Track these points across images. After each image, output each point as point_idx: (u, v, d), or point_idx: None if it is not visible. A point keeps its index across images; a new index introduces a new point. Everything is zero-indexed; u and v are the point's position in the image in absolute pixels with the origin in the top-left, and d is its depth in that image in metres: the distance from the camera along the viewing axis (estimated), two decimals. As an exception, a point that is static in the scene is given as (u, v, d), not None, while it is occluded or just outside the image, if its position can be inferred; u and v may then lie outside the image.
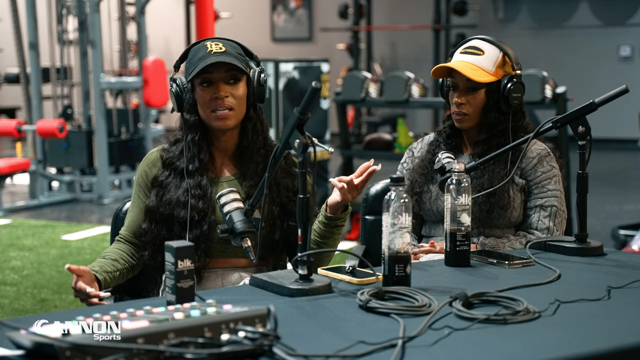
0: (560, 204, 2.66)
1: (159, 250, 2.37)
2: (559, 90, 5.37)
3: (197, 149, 2.43)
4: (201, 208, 2.38)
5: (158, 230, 2.39)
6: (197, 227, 2.37)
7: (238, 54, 2.42)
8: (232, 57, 2.38)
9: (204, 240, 2.37)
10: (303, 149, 1.96)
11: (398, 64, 13.97)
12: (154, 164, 2.49)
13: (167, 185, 2.43)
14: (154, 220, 2.41)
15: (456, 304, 1.79)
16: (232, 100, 2.39)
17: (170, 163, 2.45)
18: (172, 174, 2.44)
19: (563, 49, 12.95)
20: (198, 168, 2.42)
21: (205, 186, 2.40)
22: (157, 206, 2.41)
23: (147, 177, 2.48)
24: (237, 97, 2.40)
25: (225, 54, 2.38)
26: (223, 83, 2.39)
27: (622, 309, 1.87)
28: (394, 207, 1.93)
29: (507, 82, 2.64)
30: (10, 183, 9.17)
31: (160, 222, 2.40)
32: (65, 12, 9.25)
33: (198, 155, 2.43)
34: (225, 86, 2.38)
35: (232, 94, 2.39)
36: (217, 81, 2.39)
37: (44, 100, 8.84)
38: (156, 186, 2.44)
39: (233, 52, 2.40)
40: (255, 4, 15.21)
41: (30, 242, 6.47)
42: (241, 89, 2.41)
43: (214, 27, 7.21)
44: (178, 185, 2.41)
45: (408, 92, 6.03)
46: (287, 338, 1.56)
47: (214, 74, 2.38)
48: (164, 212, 2.39)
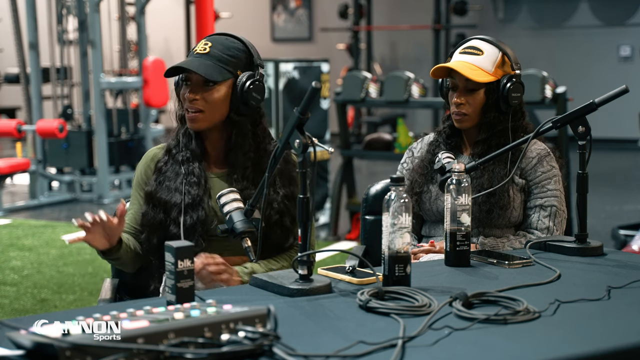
0: (560, 204, 2.66)
1: (154, 233, 2.41)
2: (559, 90, 5.37)
3: (186, 140, 2.47)
4: (195, 193, 2.40)
5: (155, 214, 2.43)
6: (193, 211, 2.39)
7: (226, 56, 2.38)
8: (212, 60, 2.36)
9: (200, 225, 2.38)
10: (303, 149, 1.96)
11: (398, 64, 13.97)
12: (152, 160, 2.53)
13: (165, 171, 2.47)
14: (152, 203, 2.45)
15: (456, 304, 1.79)
16: (203, 104, 2.37)
17: (169, 150, 2.50)
18: (170, 161, 2.48)
19: (563, 49, 12.95)
20: (189, 157, 2.45)
21: (198, 173, 2.43)
22: (156, 190, 2.45)
23: (145, 175, 2.51)
24: (210, 101, 2.37)
25: (206, 56, 2.37)
26: (197, 85, 2.38)
27: (622, 309, 1.87)
28: (394, 207, 1.93)
29: (507, 82, 2.64)
30: (10, 183, 9.16)
31: (157, 206, 2.44)
32: (65, 12, 9.25)
33: (189, 145, 2.47)
34: (198, 89, 2.37)
35: (205, 98, 2.37)
36: (192, 82, 2.39)
37: (44, 100, 8.84)
38: (156, 172, 2.49)
39: (218, 54, 2.38)
40: (255, 4, 15.21)
41: (30, 242, 6.47)
42: (218, 92, 2.38)
43: (214, 27, 7.21)
44: (177, 171, 2.45)
45: (408, 92, 6.03)
46: (287, 338, 1.56)
47: (190, 74, 2.39)
48: (161, 197, 2.42)
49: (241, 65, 2.41)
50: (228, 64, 2.39)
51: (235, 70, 2.40)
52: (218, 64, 2.37)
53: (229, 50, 2.40)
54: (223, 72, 2.37)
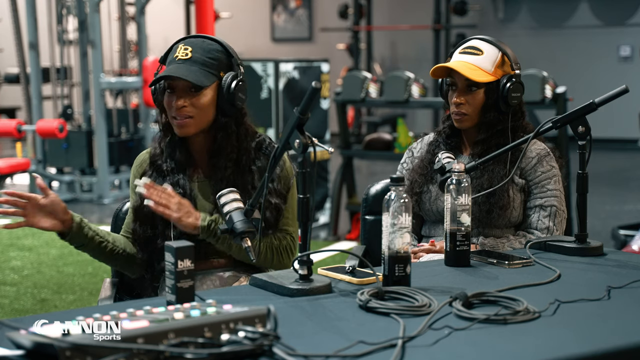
0: (560, 204, 2.66)
1: (145, 249, 2.41)
2: (559, 90, 5.37)
3: (170, 150, 2.45)
4: None
5: (143, 230, 2.42)
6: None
7: (208, 59, 2.36)
8: (196, 66, 2.34)
9: (187, 238, 2.36)
10: (303, 149, 1.96)
11: (398, 64, 13.97)
12: (141, 165, 2.52)
13: None
14: (139, 219, 2.43)
15: (456, 304, 1.79)
16: (192, 109, 2.36)
17: (153, 162, 2.48)
18: (154, 173, 2.46)
19: (563, 49, 12.95)
20: (174, 168, 2.44)
21: (183, 184, 2.42)
22: (141, 206, 2.41)
23: (135, 179, 2.50)
24: (198, 106, 2.36)
25: (189, 61, 2.35)
26: (183, 92, 2.36)
27: (622, 309, 1.87)
28: (394, 207, 1.93)
29: (506, 81, 2.64)
30: (10, 183, 9.16)
31: (144, 222, 2.42)
32: (65, 12, 9.25)
33: (173, 155, 2.45)
34: (184, 95, 2.35)
35: (193, 103, 2.36)
36: (177, 89, 2.36)
37: (44, 100, 8.84)
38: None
39: (200, 58, 2.36)
40: (255, 4, 15.21)
41: (30, 242, 6.47)
42: (205, 97, 2.36)
43: (214, 27, 7.20)
44: (160, 184, 2.40)
45: (408, 92, 6.03)
46: (287, 338, 1.55)
47: (175, 82, 2.36)
48: (147, 212, 2.38)
49: (223, 67, 2.39)
50: (211, 67, 2.37)
51: (218, 72, 2.38)
52: (203, 69, 2.36)
53: (210, 53, 2.38)
54: (209, 76, 2.36)
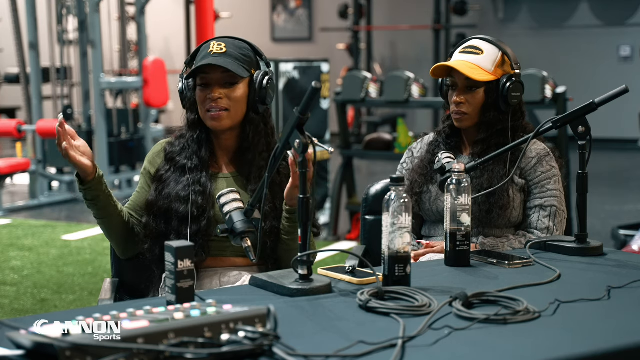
0: (560, 204, 2.66)
1: (157, 244, 2.40)
2: (559, 90, 5.37)
3: (196, 147, 2.46)
4: (200, 204, 2.40)
5: (157, 224, 2.42)
6: (196, 223, 2.38)
7: (241, 55, 2.41)
8: (231, 59, 2.38)
9: (202, 237, 2.38)
10: (303, 149, 1.96)
11: (398, 64, 13.97)
12: (159, 155, 2.53)
13: (166, 179, 2.46)
14: (153, 213, 2.44)
15: (456, 304, 1.79)
16: (227, 102, 2.40)
17: (171, 158, 2.49)
18: (172, 169, 2.47)
19: (563, 49, 12.95)
20: (197, 165, 2.44)
21: (204, 183, 2.43)
22: (156, 200, 2.43)
23: (150, 166, 2.52)
24: (233, 99, 2.40)
25: (225, 55, 2.38)
26: (218, 85, 2.40)
27: (622, 309, 1.87)
28: (394, 207, 1.93)
29: (506, 81, 2.64)
30: (10, 183, 9.16)
31: (159, 216, 2.43)
32: (65, 12, 9.25)
33: (198, 152, 2.46)
34: (220, 88, 2.39)
35: (228, 96, 2.40)
36: (213, 82, 2.40)
37: (44, 100, 8.83)
38: (156, 180, 2.48)
39: (235, 53, 2.40)
40: (255, 4, 15.21)
41: (30, 242, 6.47)
42: (239, 90, 2.41)
43: (214, 27, 7.20)
44: (178, 180, 2.44)
45: (408, 92, 6.03)
46: (287, 338, 1.55)
47: (210, 75, 2.40)
48: (162, 206, 2.42)
49: (254, 65, 2.45)
50: (245, 62, 2.42)
51: (250, 69, 2.43)
52: (238, 62, 2.40)
53: (242, 50, 2.43)
54: (244, 70, 2.40)
